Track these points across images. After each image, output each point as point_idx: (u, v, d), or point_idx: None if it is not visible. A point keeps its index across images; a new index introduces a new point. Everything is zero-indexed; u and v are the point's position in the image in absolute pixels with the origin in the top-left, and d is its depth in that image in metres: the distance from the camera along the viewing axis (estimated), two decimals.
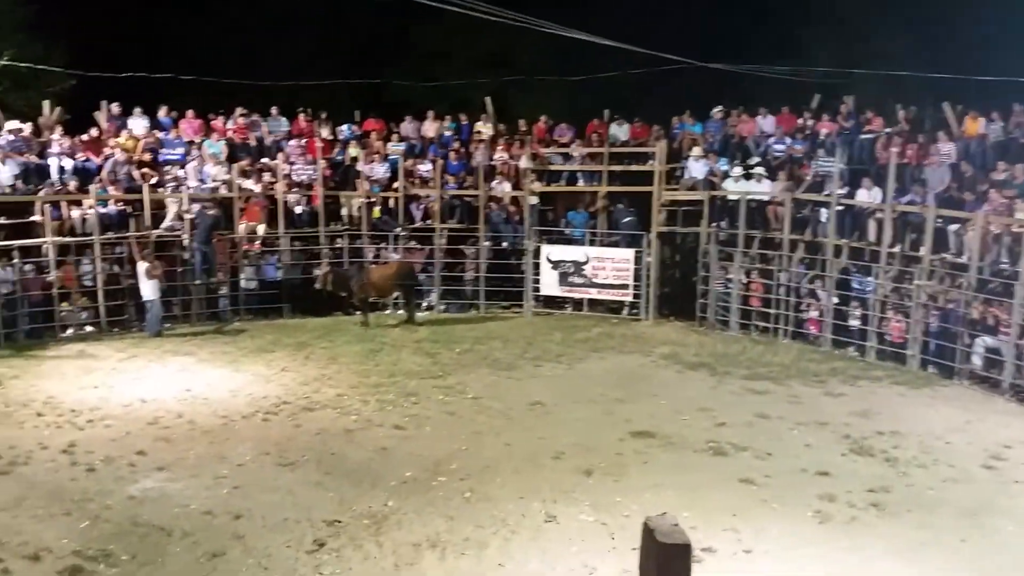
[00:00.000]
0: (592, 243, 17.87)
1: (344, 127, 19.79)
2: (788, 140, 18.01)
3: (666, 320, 17.28)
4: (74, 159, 16.82)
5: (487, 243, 18.19)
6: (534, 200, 18.18)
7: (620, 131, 19.32)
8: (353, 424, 11.17)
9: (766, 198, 16.80)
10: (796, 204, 16.34)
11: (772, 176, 17.08)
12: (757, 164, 17.35)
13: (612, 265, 17.39)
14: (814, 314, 15.73)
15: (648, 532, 4.98)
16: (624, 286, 17.37)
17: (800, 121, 18.54)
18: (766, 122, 18.82)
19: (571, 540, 8.05)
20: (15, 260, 15.25)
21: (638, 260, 17.20)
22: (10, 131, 16.42)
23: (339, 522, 8.40)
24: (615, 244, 17.82)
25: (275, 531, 8.25)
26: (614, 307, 17.69)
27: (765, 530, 8.25)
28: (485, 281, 18.06)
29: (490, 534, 8.17)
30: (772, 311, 16.12)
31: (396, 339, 15.63)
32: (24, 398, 11.99)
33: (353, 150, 19.10)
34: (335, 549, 7.91)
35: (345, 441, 10.60)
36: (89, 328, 15.80)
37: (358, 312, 17.03)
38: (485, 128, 19.92)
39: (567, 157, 18.96)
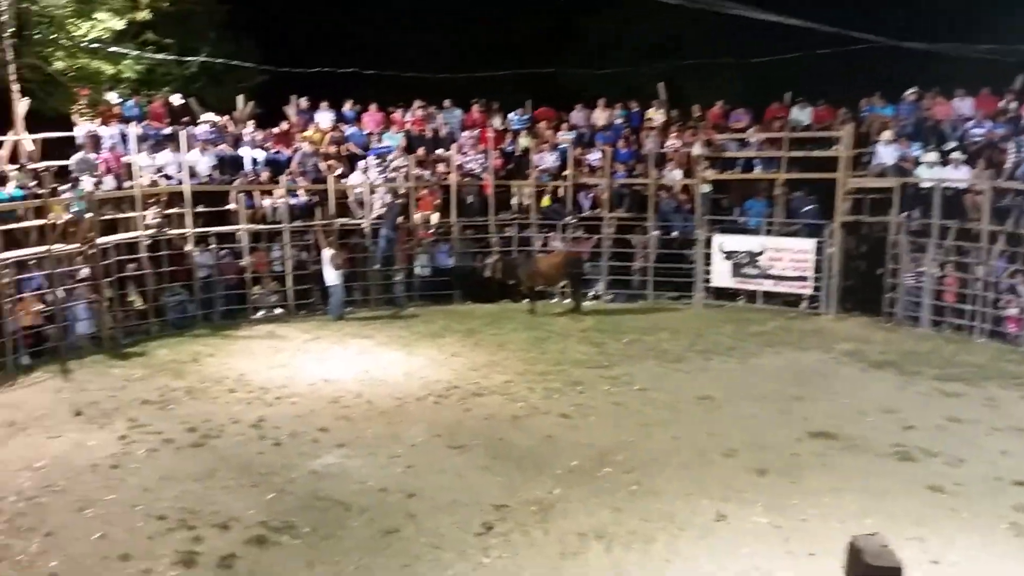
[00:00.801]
0: (768, 233, 17.16)
1: (514, 116, 19.97)
2: (988, 124, 16.58)
3: (849, 315, 16.36)
4: (265, 151, 17.86)
5: (656, 232, 17.87)
6: (706, 188, 17.67)
7: (802, 115, 18.45)
8: (520, 411, 11.26)
9: (963, 186, 15.55)
10: (996, 192, 15.02)
11: (970, 162, 15.79)
12: (954, 149, 16.07)
13: (790, 256, 16.65)
14: (1013, 311, 14.43)
15: (855, 552, 4.63)
16: (803, 278, 16.59)
17: (1001, 103, 17.02)
18: (964, 104, 17.41)
19: (742, 541, 7.75)
20: (212, 245, 16.43)
21: (819, 251, 16.37)
22: (208, 124, 17.62)
23: (506, 507, 8.47)
24: (794, 234, 17.03)
25: (445, 512, 8.44)
26: (791, 300, 16.94)
27: (954, 541, 7.64)
28: (653, 271, 17.76)
29: (657, 529, 8.00)
30: (968, 307, 14.93)
31: (563, 328, 15.65)
32: (218, 375, 12.88)
33: (524, 140, 19.25)
34: (503, 533, 7.99)
35: (512, 427, 10.70)
36: (278, 310, 16.77)
37: (526, 300, 17.19)
38: (657, 115, 19.56)
39: (743, 143, 18.31)
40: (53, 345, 13.67)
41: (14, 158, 15.49)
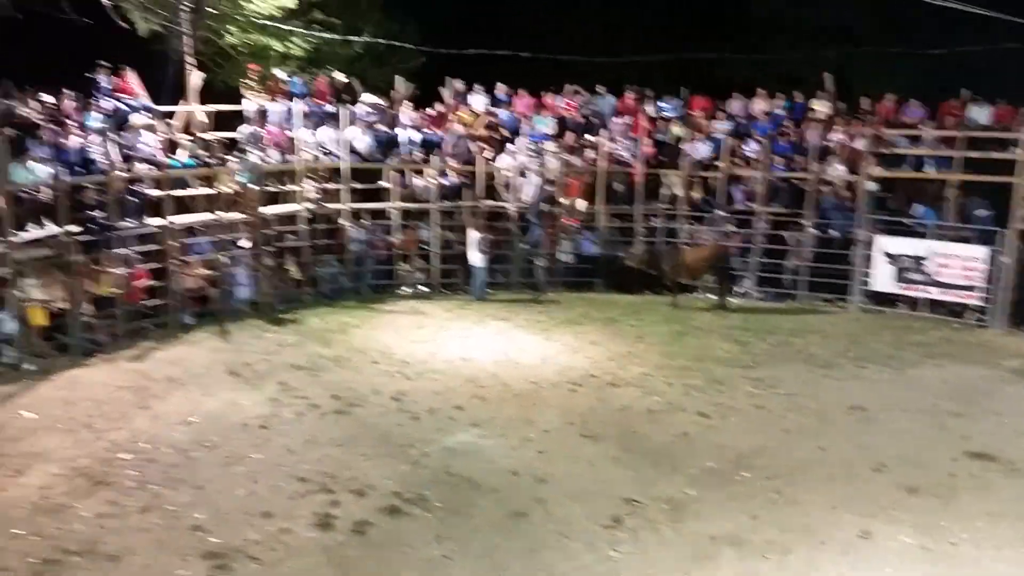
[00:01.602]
0: (938, 237, 16.06)
1: (667, 104, 19.52)
2: None
3: (1019, 330, 15.13)
4: (421, 131, 18.22)
5: (813, 230, 17.07)
6: (872, 186, 16.70)
7: (980, 113, 17.14)
8: (656, 405, 11.03)
9: None
10: None
11: None
12: None
13: (959, 263, 15.53)
14: None
15: None
16: (971, 288, 15.46)
17: None
18: None
19: (886, 561, 7.30)
20: (365, 221, 16.94)
21: (991, 260, 15.20)
22: (370, 104, 18.13)
23: (637, 502, 8.32)
24: (964, 240, 15.87)
25: (574, 500, 8.36)
26: (956, 310, 15.82)
27: None
28: (808, 270, 16.99)
29: (795, 540, 7.65)
30: None
31: (706, 323, 15.22)
32: (363, 346, 13.26)
33: (676, 128, 18.80)
34: (632, 528, 7.85)
35: (647, 421, 10.49)
36: (423, 288, 17.12)
37: (669, 292, 16.83)
38: (821, 106, 18.63)
39: (915, 140, 17.19)
40: (215, 308, 14.46)
41: (187, 128, 16.44)
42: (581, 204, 17.88)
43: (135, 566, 7.26)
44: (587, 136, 18.74)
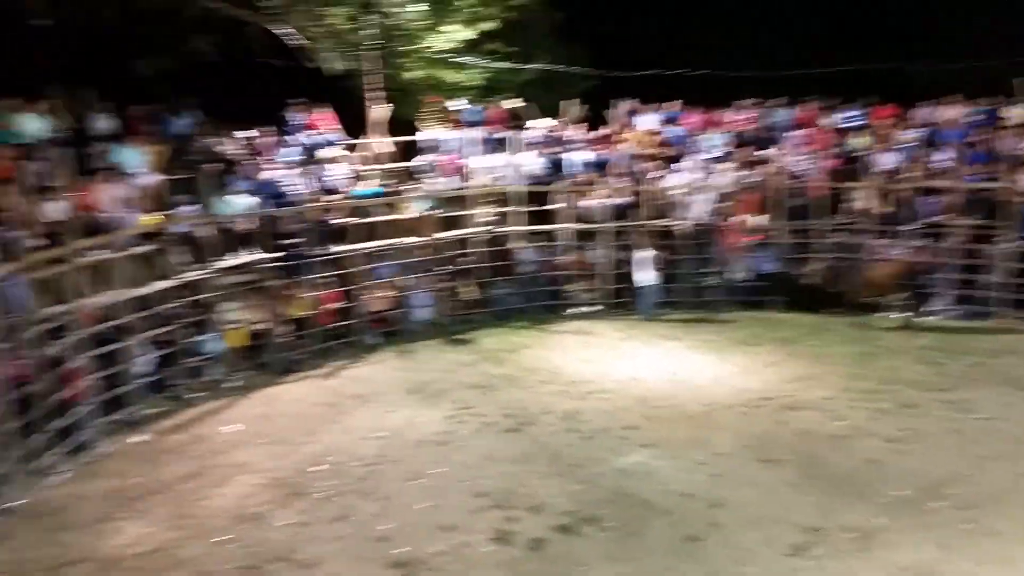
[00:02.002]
0: None
1: (847, 114, 18.73)
2: None
3: None
4: (590, 152, 18.40)
5: (1013, 243, 15.84)
6: None
7: None
8: (839, 430, 10.58)
9: None
10: None
11: None
12: None
13: None
14: None
15: None
16: None
17: None
18: None
19: None
20: (536, 243, 17.27)
21: None
22: (540, 128, 18.51)
23: (820, 530, 8.03)
24: None
25: (752, 526, 8.17)
26: None
27: None
28: (1006, 287, 15.77)
29: (992, 573, 7.14)
30: None
31: (894, 344, 14.43)
32: (534, 366, 13.50)
33: (858, 139, 18.01)
34: (816, 557, 7.58)
35: (830, 447, 10.08)
36: (592, 308, 17.22)
37: (851, 312, 16.08)
38: (1014, 113, 17.32)
39: None
40: (396, 328, 15.17)
41: (373, 159, 17.39)
42: (756, 220, 17.45)
43: (327, 573, 7.73)
44: (762, 150, 18.30)
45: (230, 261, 13.34)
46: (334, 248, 14.88)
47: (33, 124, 12.78)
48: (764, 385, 12.32)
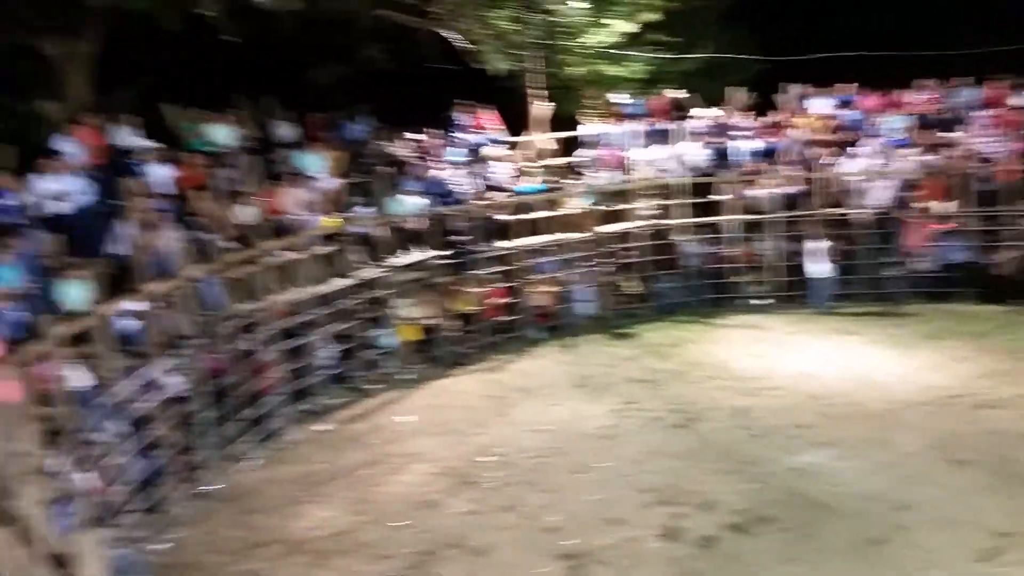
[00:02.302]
0: None
1: None
2: None
3: None
4: (758, 141, 17.84)
5: None
6: None
7: None
8: None
9: None
10: None
11: None
12: None
13: None
14: None
15: None
16: None
17: None
18: None
19: None
20: (701, 235, 16.93)
21: None
22: (704, 117, 18.13)
23: (1011, 535, 7.48)
24: None
25: (939, 530, 7.73)
26: None
27: None
28: None
29: None
30: None
31: None
32: (700, 360, 13.25)
33: None
34: (1006, 564, 7.10)
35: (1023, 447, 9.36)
36: (761, 301, 16.70)
37: None
38: None
39: None
40: (559, 323, 15.30)
41: (536, 156, 17.60)
42: (941, 207, 16.36)
43: (498, 561, 7.93)
44: (946, 133, 17.14)
45: (403, 259, 13.87)
46: (499, 244, 15.18)
47: (223, 134, 13.74)
48: (952, 382, 11.56)
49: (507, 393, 12.30)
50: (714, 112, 18.29)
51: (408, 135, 16.12)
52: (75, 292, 9.33)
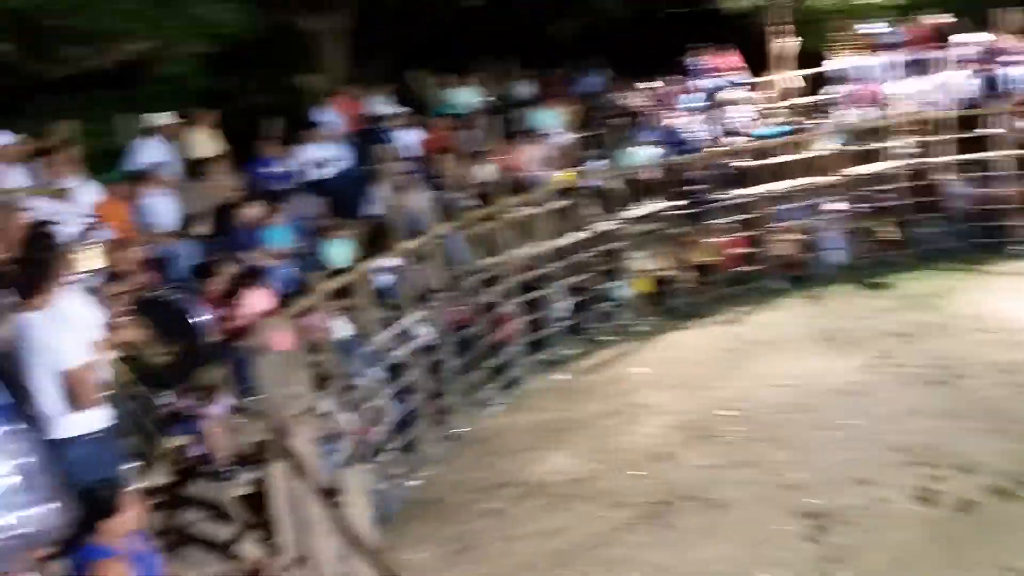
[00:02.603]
0: None
1: None
2: None
3: None
4: None
5: None
6: None
7: None
8: None
9: None
10: None
11: None
12: None
13: None
14: None
15: None
16: None
17: None
18: None
19: None
20: (968, 174, 15.36)
21: None
22: (971, 43, 16.34)
23: None
24: None
25: None
26: None
27: None
28: None
29: None
30: None
31: None
32: (967, 312, 12.11)
33: None
34: None
35: None
36: None
37: None
38: None
39: None
40: (806, 273, 14.59)
41: (780, 96, 16.75)
42: None
43: (737, 516, 7.83)
44: None
45: (637, 211, 13.82)
46: (738, 192, 14.68)
47: (466, 97, 14.34)
48: None
49: (746, 346, 11.97)
50: (982, 37, 16.44)
51: (643, 84, 15.93)
52: (338, 250, 10.22)
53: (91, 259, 5.36)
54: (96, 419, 4.44)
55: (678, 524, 7.88)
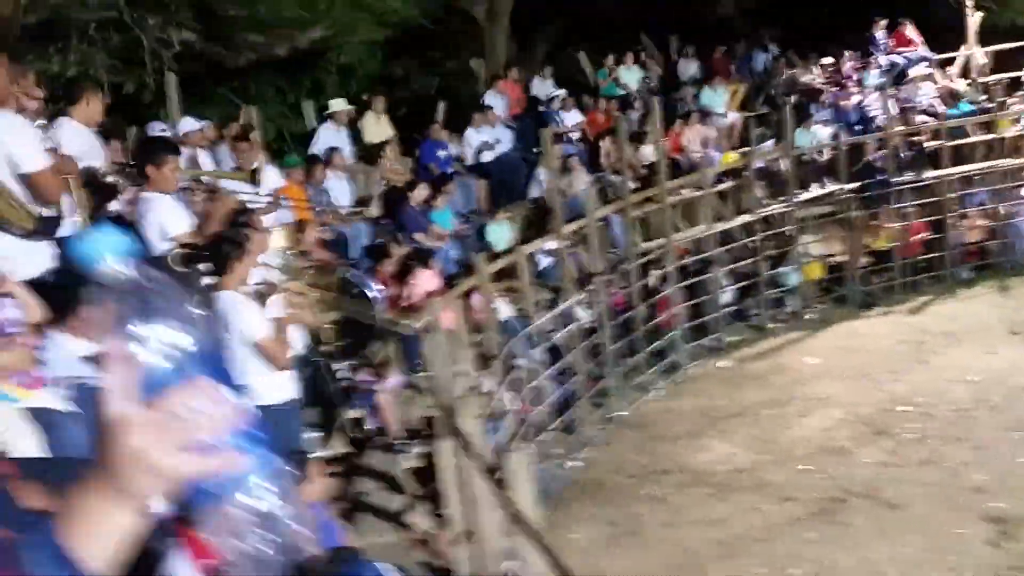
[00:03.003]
0: None
1: None
2: None
3: None
4: None
5: None
6: None
7: None
8: None
9: None
10: None
11: None
12: None
13: None
14: None
15: None
16: None
17: None
18: None
19: None
20: None
21: None
22: None
23: None
24: None
25: None
26: None
27: None
28: None
29: None
30: None
31: None
32: None
33: None
34: None
35: None
36: None
37: None
38: None
39: None
40: (995, 261, 13.54)
41: (966, 73, 15.58)
42: None
43: (914, 517, 7.40)
44: None
45: (810, 193, 13.23)
46: (922, 174, 13.76)
47: (631, 76, 14.16)
48: None
49: (928, 338, 11.25)
50: None
51: (819, 60, 15.19)
52: (500, 232, 10.36)
53: (276, 239, 5.67)
54: (285, 389, 4.69)
55: (849, 522, 7.52)
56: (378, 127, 11.47)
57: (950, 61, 15.77)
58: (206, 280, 4.68)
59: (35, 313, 3.29)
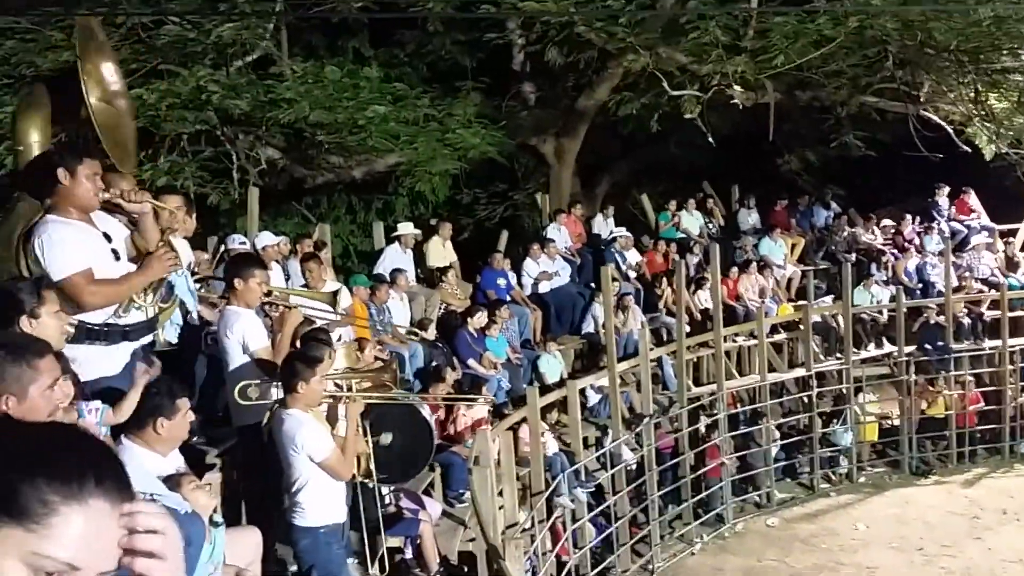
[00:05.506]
0: None
1: None
2: None
3: None
4: None
5: None
6: None
7: None
8: None
9: None
10: None
11: None
12: None
13: None
14: None
15: None
16: None
17: None
18: None
19: None
20: None
21: None
22: None
23: None
24: None
25: None
26: None
27: None
28: None
29: None
30: None
31: None
32: None
33: None
34: None
35: None
36: None
37: None
38: None
39: None
40: None
41: None
42: None
43: None
44: None
45: (867, 352, 13.10)
46: (982, 343, 13.56)
47: (693, 222, 14.38)
48: None
49: (982, 513, 10.84)
50: None
51: (882, 221, 15.27)
52: (552, 364, 10.40)
53: (339, 357, 5.78)
54: (337, 512, 4.69)
55: None
56: (442, 252, 11.75)
57: (1012, 232, 15.73)
58: (275, 396, 4.78)
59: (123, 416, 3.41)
